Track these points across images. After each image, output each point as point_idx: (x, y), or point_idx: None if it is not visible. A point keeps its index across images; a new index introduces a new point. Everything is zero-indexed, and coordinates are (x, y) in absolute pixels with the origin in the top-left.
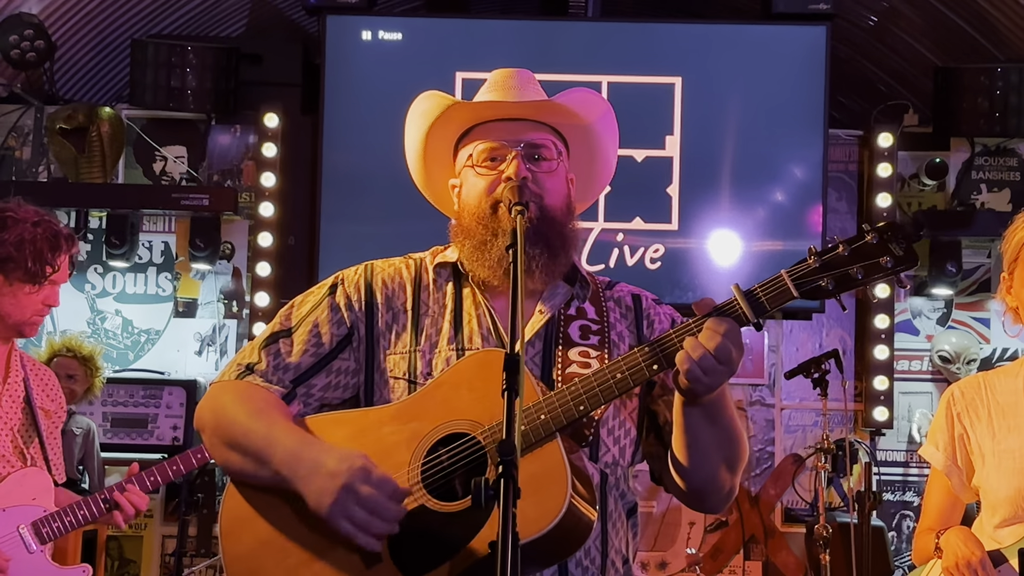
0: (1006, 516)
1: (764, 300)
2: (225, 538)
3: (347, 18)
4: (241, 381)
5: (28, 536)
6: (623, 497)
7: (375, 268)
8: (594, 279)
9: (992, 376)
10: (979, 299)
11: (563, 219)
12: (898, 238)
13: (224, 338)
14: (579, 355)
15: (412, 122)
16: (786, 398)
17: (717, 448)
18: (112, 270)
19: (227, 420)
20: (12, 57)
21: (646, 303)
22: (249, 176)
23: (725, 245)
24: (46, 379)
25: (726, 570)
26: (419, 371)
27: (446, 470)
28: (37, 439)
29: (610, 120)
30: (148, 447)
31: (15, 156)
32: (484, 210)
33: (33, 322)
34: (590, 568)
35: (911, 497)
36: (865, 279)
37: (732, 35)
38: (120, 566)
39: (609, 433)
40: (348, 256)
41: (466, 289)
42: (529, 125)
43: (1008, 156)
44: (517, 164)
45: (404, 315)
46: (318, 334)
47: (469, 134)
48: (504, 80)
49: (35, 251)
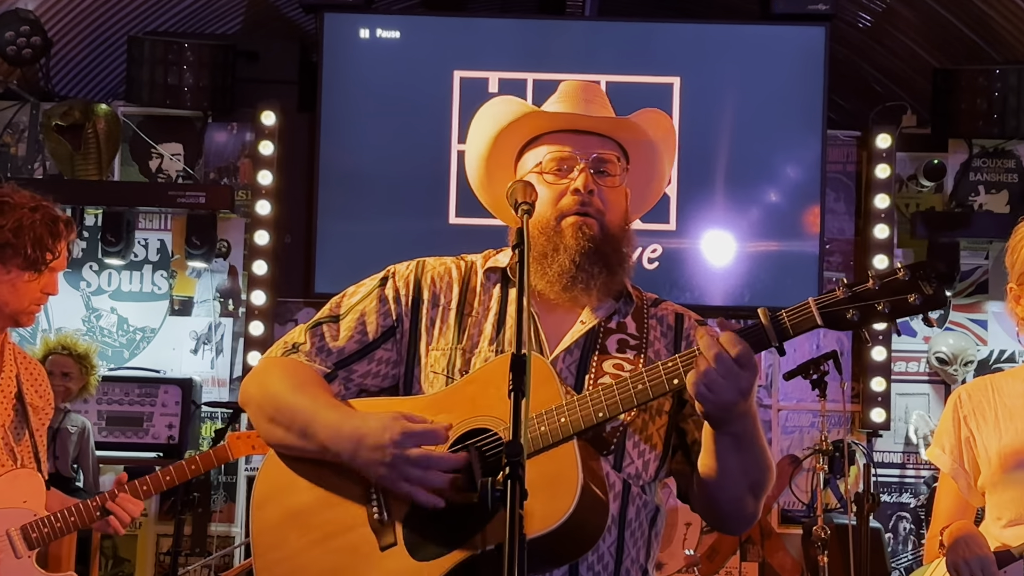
0: (1013, 517)
1: (788, 326)
2: (255, 510)
3: (345, 16)
4: (286, 358)
5: (17, 541)
6: (646, 507)
7: (426, 265)
8: (640, 295)
9: (999, 379)
10: (976, 301)
11: (620, 235)
12: (930, 277)
13: (220, 336)
14: (613, 367)
15: (481, 124)
16: (783, 399)
17: (743, 475)
18: (108, 268)
19: (271, 394)
20: (8, 53)
21: (688, 323)
22: (246, 174)
23: (723, 245)
24: (36, 375)
25: (722, 571)
26: (458, 369)
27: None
28: (27, 436)
29: (672, 140)
30: (143, 445)
31: (10, 152)
32: (549, 220)
33: (31, 311)
34: (602, 573)
35: (907, 499)
36: (891, 315)
37: (730, 35)
38: (114, 565)
39: (634, 446)
40: (345, 254)
41: (513, 294)
42: (598, 139)
43: (1006, 158)
44: (586, 176)
45: (449, 313)
46: (364, 323)
47: (534, 142)
48: (575, 92)
49: (34, 237)
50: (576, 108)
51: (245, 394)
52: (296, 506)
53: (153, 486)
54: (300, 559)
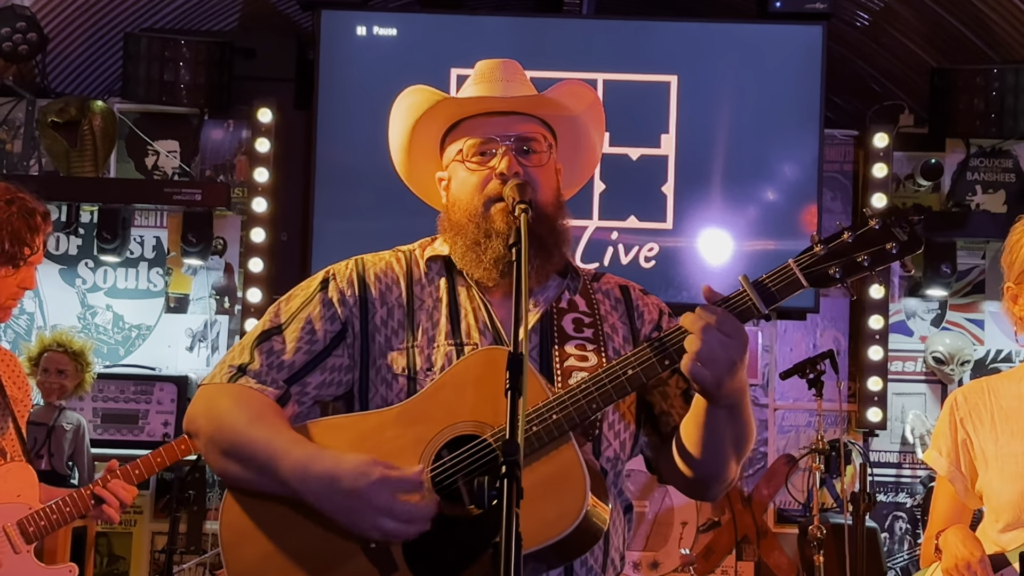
0: (1009, 521)
1: (774, 290)
2: (227, 551)
3: (342, 13)
4: (234, 384)
5: (14, 536)
6: (621, 495)
7: (366, 262)
8: (581, 271)
9: (996, 380)
10: (973, 300)
11: (554, 213)
12: (901, 223)
13: (216, 334)
14: (576, 348)
15: (397, 115)
16: (779, 398)
17: (732, 443)
18: (103, 265)
19: (225, 427)
20: (4, 49)
21: (635, 294)
22: (242, 171)
23: (719, 244)
24: (12, 366)
25: (718, 570)
26: (419, 367)
27: (457, 474)
28: (13, 428)
29: (598, 110)
30: (139, 443)
31: (6, 149)
32: (476, 208)
33: (7, 306)
34: (594, 567)
35: (904, 498)
36: (872, 266)
37: (728, 34)
38: (109, 562)
39: (610, 428)
40: (341, 252)
41: (460, 283)
42: (518, 118)
43: (1003, 157)
44: (509, 159)
45: (399, 310)
46: (312, 330)
47: (456, 128)
48: (490, 72)
49: (12, 231)
50: (493, 90)
51: (192, 424)
52: (277, 543)
53: (145, 469)
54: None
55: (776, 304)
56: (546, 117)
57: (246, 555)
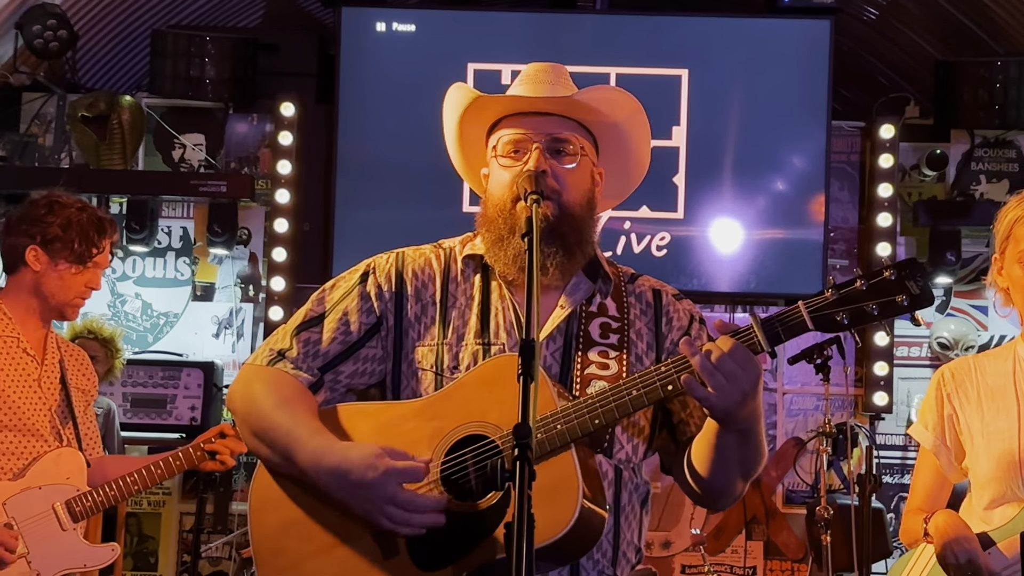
0: (995, 496)
1: (780, 331)
2: (253, 515)
3: (361, 10)
4: (272, 368)
5: (62, 514)
6: (637, 490)
7: (406, 258)
8: (617, 271)
9: (982, 358)
10: (977, 287)
11: (581, 215)
12: (916, 276)
13: (241, 321)
14: (598, 355)
15: (445, 112)
16: (788, 383)
17: (740, 464)
18: (132, 254)
19: (255, 409)
20: (35, 46)
21: (666, 299)
22: (265, 164)
23: (729, 233)
24: (79, 358)
25: (728, 549)
26: (446, 364)
27: (464, 470)
28: (71, 420)
29: (639, 119)
30: (167, 427)
31: (38, 143)
32: (505, 203)
33: (75, 304)
34: (601, 561)
35: (909, 480)
36: (880, 316)
37: (737, 29)
38: (139, 542)
39: (623, 431)
40: (362, 242)
41: (493, 282)
42: (556, 120)
43: (1007, 148)
44: (537, 156)
45: (433, 307)
46: (347, 323)
47: (497, 126)
48: (536, 74)
49: (81, 232)
50: (536, 91)
51: (232, 402)
52: (295, 513)
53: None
54: (305, 567)
55: (779, 344)
56: (586, 122)
57: (269, 521)
